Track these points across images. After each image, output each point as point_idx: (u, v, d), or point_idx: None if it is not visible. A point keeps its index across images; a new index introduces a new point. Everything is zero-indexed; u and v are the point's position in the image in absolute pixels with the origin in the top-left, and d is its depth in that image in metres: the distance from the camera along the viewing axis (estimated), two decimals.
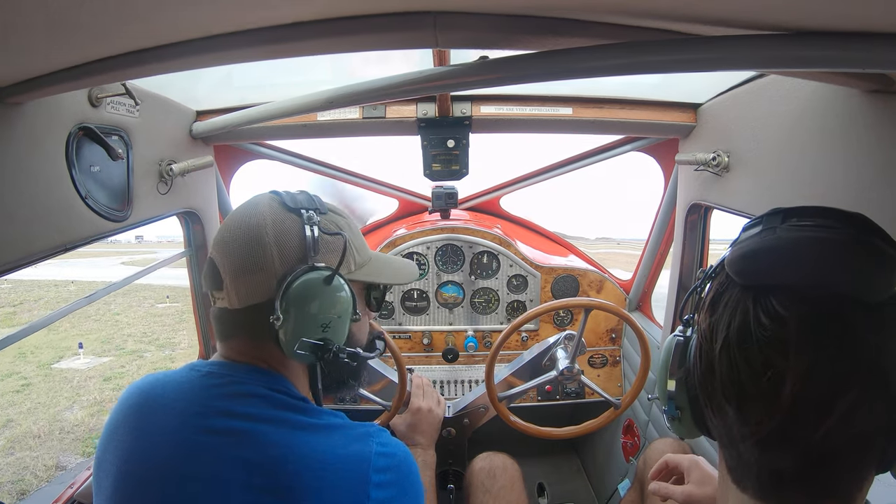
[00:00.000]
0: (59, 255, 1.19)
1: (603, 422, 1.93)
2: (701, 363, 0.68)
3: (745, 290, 0.62)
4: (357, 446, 0.86)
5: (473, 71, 0.96)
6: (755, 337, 0.59)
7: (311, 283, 0.91)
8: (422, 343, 2.57)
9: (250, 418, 0.85)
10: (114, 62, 0.89)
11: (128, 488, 0.85)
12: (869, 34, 0.68)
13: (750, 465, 0.64)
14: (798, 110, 1.26)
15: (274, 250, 0.91)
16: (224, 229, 0.96)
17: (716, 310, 0.65)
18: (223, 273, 0.92)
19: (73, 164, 1.20)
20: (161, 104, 1.61)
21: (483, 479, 1.82)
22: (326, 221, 0.99)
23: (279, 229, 0.93)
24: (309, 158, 2.61)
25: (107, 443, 0.91)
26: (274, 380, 0.94)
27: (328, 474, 0.81)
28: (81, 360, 11.78)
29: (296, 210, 0.96)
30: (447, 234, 2.53)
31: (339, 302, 0.95)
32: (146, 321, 15.34)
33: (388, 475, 0.85)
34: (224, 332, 0.97)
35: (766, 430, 0.60)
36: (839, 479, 0.61)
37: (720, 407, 0.65)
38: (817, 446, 0.58)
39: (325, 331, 0.94)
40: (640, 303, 2.65)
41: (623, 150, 2.42)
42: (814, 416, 0.57)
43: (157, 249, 43.47)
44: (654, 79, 1.76)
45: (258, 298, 0.92)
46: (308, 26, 0.80)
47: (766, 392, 0.59)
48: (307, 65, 1.67)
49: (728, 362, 0.62)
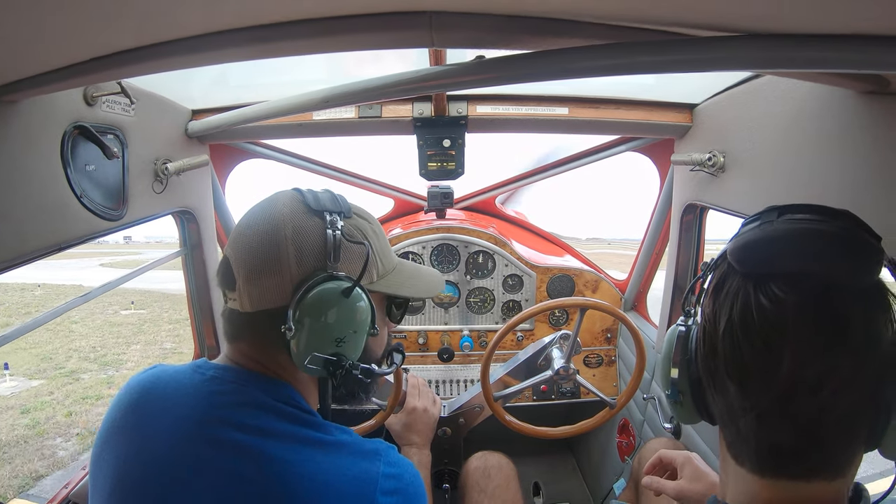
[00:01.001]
0: (54, 254, 1.19)
1: (598, 421, 1.94)
2: (704, 346, 0.73)
3: (745, 278, 0.67)
4: (364, 465, 0.83)
5: (469, 71, 0.96)
6: (756, 319, 0.64)
7: (329, 293, 0.85)
8: (417, 343, 2.57)
9: (254, 431, 0.81)
10: (109, 61, 0.88)
11: (126, 491, 0.82)
12: (864, 36, 0.68)
13: (748, 439, 0.69)
14: (793, 111, 1.27)
15: (292, 254, 0.86)
16: (241, 226, 0.91)
17: (718, 296, 0.70)
18: (236, 273, 0.88)
19: (68, 163, 1.19)
20: (156, 103, 1.60)
21: (478, 478, 1.82)
22: (350, 226, 0.93)
23: (299, 231, 0.88)
24: (304, 158, 2.60)
25: (105, 440, 0.89)
26: (281, 390, 0.89)
27: (332, 493, 0.78)
28: (6, 383, 10.25)
29: (319, 212, 0.90)
30: (443, 234, 2.53)
31: (357, 315, 0.89)
32: (102, 332, 13.89)
33: (394, 498, 0.82)
34: (233, 334, 0.93)
35: (766, 403, 0.65)
36: (833, 454, 0.66)
37: (722, 385, 0.70)
38: (813, 421, 0.63)
39: (339, 345, 0.88)
40: (636, 303, 2.66)
41: (619, 151, 2.42)
42: (808, 391, 0.62)
43: (143, 250, 42.05)
44: (650, 79, 1.76)
45: (271, 304, 0.87)
46: (304, 25, 0.80)
47: (766, 369, 0.64)
48: (303, 64, 1.67)
49: (731, 343, 0.67)
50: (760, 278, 0.65)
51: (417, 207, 3.01)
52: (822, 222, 0.65)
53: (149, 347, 12.59)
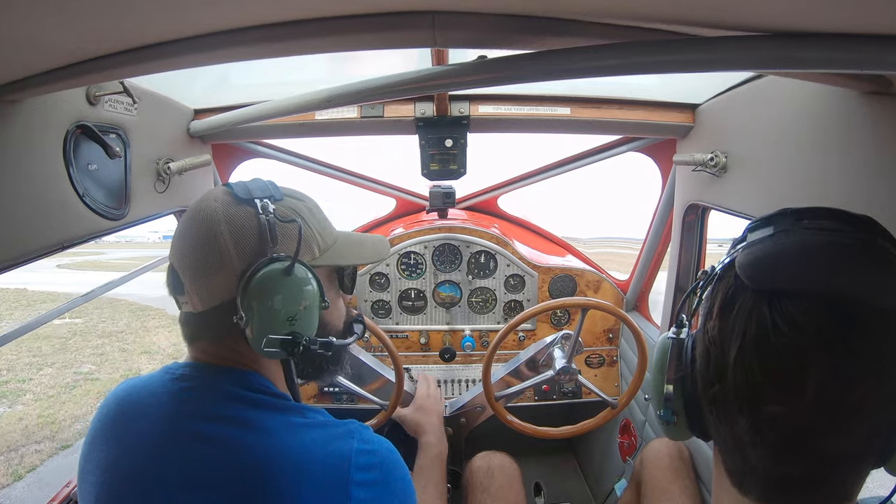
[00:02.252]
0: (56, 253, 1.19)
1: (600, 421, 1.94)
2: (709, 369, 0.66)
3: (758, 295, 0.60)
4: (337, 444, 0.84)
5: (472, 70, 0.96)
6: (774, 345, 0.58)
7: (271, 276, 0.86)
8: (419, 343, 2.57)
9: (226, 422, 0.83)
10: (111, 60, 0.88)
11: (109, 498, 0.84)
12: (866, 36, 0.68)
13: (756, 470, 0.63)
14: (796, 111, 1.26)
15: (230, 247, 0.87)
16: (178, 233, 0.92)
17: (727, 317, 0.63)
18: (183, 277, 0.89)
19: (70, 163, 1.20)
20: (159, 102, 1.61)
21: (481, 478, 1.82)
22: (283, 208, 0.94)
23: (233, 224, 0.88)
24: (307, 157, 2.60)
25: (88, 453, 0.91)
26: (248, 378, 0.91)
27: (306, 476, 0.79)
28: None
29: (248, 200, 0.91)
30: (445, 234, 2.53)
31: (304, 292, 0.90)
32: (20, 347, 10.72)
33: (371, 473, 0.83)
34: (191, 336, 0.94)
35: (782, 438, 0.60)
36: (845, 482, 0.62)
37: (728, 414, 0.64)
38: (830, 450, 0.59)
39: (292, 324, 0.89)
40: (638, 303, 2.66)
41: (621, 151, 2.42)
42: (830, 422, 0.57)
43: (107, 250, 37.36)
44: (652, 79, 1.76)
45: (221, 298, 0.88)
46: (307, 25, 0.80)
47: (783, 401, 0.58)
48: (305, 64, 1.67)
49: (743, 371, 0.61)
50: (776, 297, 0.58)
51: (419, 207, 3.00)
52: (842, 233, 0.59)
53: (62, 372, 9.72)
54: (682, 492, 1.66)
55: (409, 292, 2.57)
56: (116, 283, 1.69)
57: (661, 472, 1.72)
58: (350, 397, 2.32)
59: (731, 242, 0.71)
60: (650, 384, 0.81)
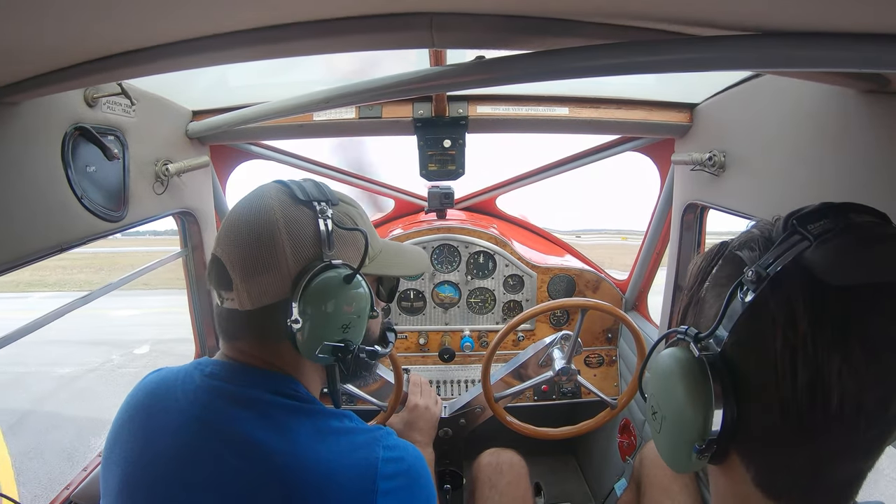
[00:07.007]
0: (55, 255, 1.19)
1: (599, 422, 1.94)
2: (797, 390, 0.53)
3: (851, 297, 0.52)
4: (363, 453, 0.83)
5: (470, 71, 0.96)
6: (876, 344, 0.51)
7: (331, 282, 0.86)
8: (418, 343, 2.57)
9: (257, 426, 0.82)
10: (109, 62, 0.88)
11: (133, 489, 0.84)
12: (864, 35, 0.68)
13: (799, 479, 0.57)
14: (794, 110, 1.27)
15: (287, 248, 0.86)
16: (230, 226, 0.89)
17: (824, 330, 0.52)
18: (232, 273, 0.86)
19: (68, 165, 1.20)
20: (157, 104, 1.60)
21: (490, 474, 1.82)
22: (339, 213, 0.93)
23: (291, 225, 0.87)
24: (305, 158, 2.60)
25: (113, 442, 0.90)
26: (282, 382, 0.89)
27: (332, 484, 0.78)
28: None
29: (307, 202, 0.89)
30: (443, 234, 2.52)
31: (359, 301, 0.90)
32: None
33: (396, 482, 0.83)
34: (232, 333, 0.92)
35: (859, 453, 0.55)
36: (861, 477, 0.58)
37: (795, 440, 0.55)
38: (873, 456, 0.56)
39: (345, 331, 0.89)
40: (637, 302, 2.66)
41: (619, 150, 2.43)
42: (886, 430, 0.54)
43: None
44: (650, 79, 1.76)
45: (271, 299, 0.86)
46: (304, 26, 0.80)
47: (872, 412, 0.52)
48: (303, 65, 1.67)
49: (855, 380, 0.51)
50: (875, 292, 0.51)
51: (418, 208, 3.01)
52: (886, 225, 0.56)
53: None
54: (682, 490, 1.66)
55: (407, 293, 2.57)
56: (116, 284, 1.68)
57: (661, 471, 1.72)
58: (349, 398, 2.32)
59: (760, 244, 0.60)
60: (675, 412, 0.63)
